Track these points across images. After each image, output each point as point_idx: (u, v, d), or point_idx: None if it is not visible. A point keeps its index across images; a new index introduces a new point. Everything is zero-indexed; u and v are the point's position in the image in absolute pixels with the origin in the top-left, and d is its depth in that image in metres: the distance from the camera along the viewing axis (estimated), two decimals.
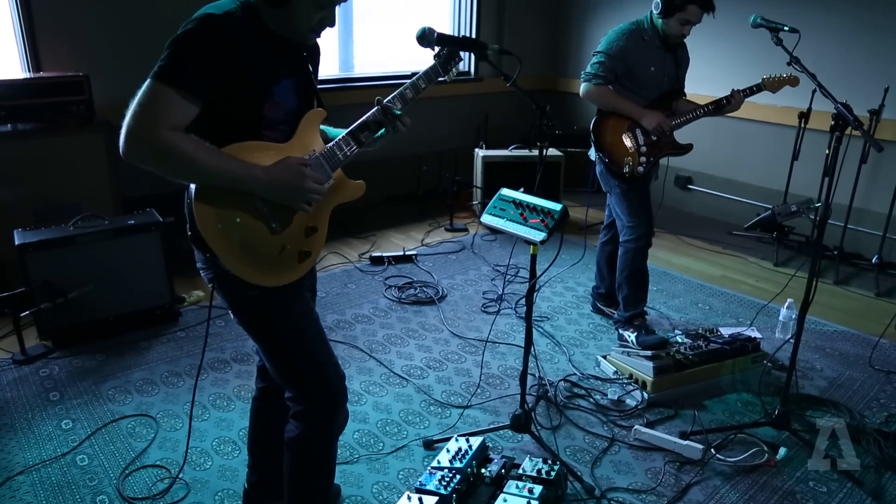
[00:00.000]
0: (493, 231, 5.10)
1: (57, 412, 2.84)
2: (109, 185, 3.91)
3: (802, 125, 4.62)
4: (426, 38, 1.89)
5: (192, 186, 1.60)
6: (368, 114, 1.83)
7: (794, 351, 2.72)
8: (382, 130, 1.88)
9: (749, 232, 4.75)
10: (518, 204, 2.26)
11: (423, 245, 4.90)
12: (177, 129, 1.52)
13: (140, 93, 1.50)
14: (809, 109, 4.54)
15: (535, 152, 5.25)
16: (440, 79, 1.97)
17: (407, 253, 4.59)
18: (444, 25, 6.16)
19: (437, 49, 1.97)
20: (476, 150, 5.42)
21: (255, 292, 1.72)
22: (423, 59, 1.90)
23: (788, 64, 2.75)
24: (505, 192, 2.34)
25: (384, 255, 4.52)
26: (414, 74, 1.91)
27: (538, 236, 2.15)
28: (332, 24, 1.72)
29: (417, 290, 4.10)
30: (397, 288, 4.12)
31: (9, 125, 3.63)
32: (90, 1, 4.07)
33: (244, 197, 1.63)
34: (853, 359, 3.48)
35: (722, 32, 4.90)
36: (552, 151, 5.33)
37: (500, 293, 4.08)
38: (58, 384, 3.05)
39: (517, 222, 2.23)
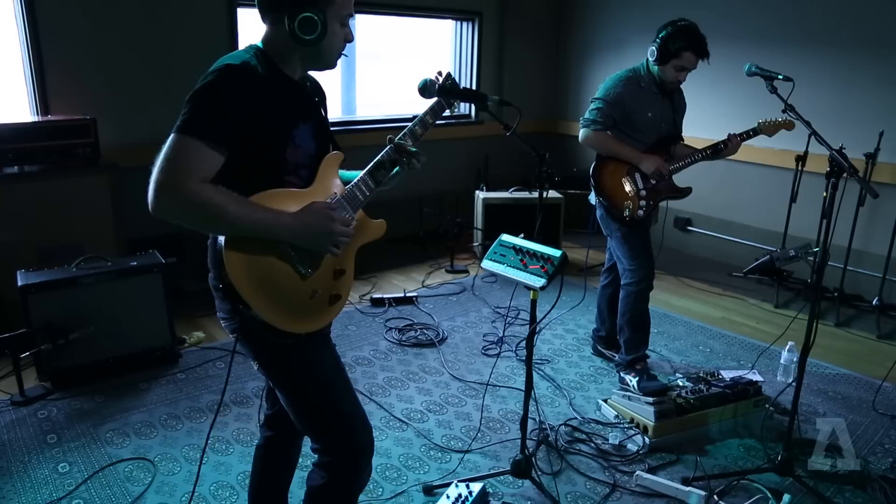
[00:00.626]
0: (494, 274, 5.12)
1: (54, 455, 2.82)
2: (113, 225, 3.95)
3: (800, 168, 4.67)
4: (428, 89, 1.94)
5: (221, 238, 1.60)
6: (382, 153, 1.86)
7: (795, 395, 2.71)
8: (397, 169, 1.91)
9: (748, 276, 4.76)
10: (518, 250, 2.28)
11: (423, 286, 4.91)
12: (205, 181, 1.53)
13: (166, 147, 1.52)
14: (806, 152, 4.60)
15: (536, 194, 5.32)
16: (445, 112, 2.01)
17: (408, 294, 4.60)
18: (446, 65, 6.28)
19: (439, 81, 2.01)
20: (476, 191, 5.48)
21: (290, 341, 1.72)
22: (425, 101, 1.94)
23: (783, 111, 2.80)
24: (505, 237, 2.36)
25: (385, 296, 4.53)
26: (416, 117, 1.95)
27: (538, 282, 2.17)
28: (352, 39, 1.77)
29: (418, 333, 4.09)
30: (398, 330, 4.12)
31: (16, 167, 3.68)
32: (98, 47, 4.16)
33: (273, 245, 1.64)
34: (856, 402, 3.45)
35: (718, 77, 4.99)
36: (552, 194, 5.38)
37: (500, 335, 4.07)
38: (56, 426, 3.03)
39: (517, 268, 2.25)
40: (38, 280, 3.27)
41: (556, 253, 2.21)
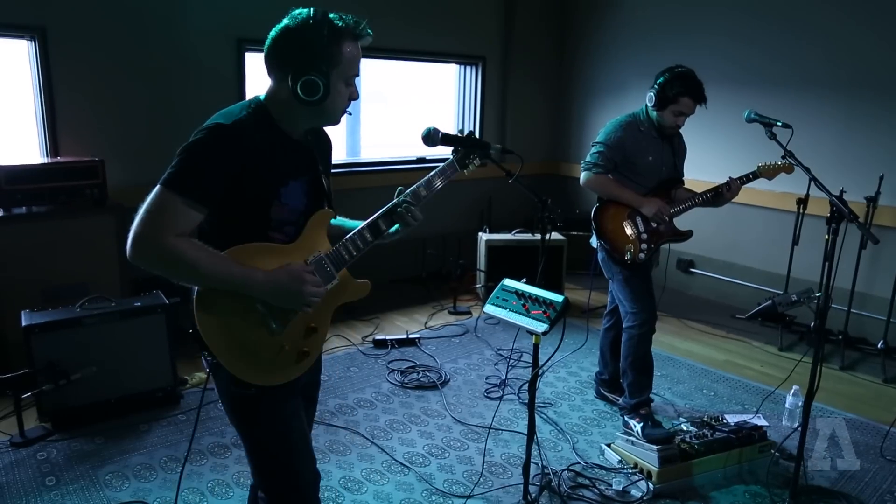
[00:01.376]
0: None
1: (52, 498, 2.79)
2: (118, 265, 3.97)
3: (801, 211, 4.69)
4: (431, 138, 1.97)
5: (196, 287, 1.64)
6: (381, 211, 1.89)
7: (801, 440, 2.68)
8: (398, 226, 1.94)
9: (751, 320, 4.74)
10: (520, 295, 2.29)
11: (426, 328, 4.91)
12: (182, 235, 1.57)
13: (149, 199, 1.57)
14: (807, 196, 4.62)
15: (538, 236, 5.34)
16: (455, 174, 2.04)
17: (410, 336, 4.59)
18: (450, 108, 6.37)
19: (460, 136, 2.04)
20: (479, 233, 5.51)
21: (252, 391, 1.74)
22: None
23: (783, 157, 2.83)
24: (507, 282, 2.38)
25: (387, 338, 4.52)
26: (421, 160, 1.98)
27: (540, 328, 2.17)
28: (357, 97, 1.80)
29: (420, 375, 4.08)
30: (400, 372, 4.10)
31: (24, 207, 3.72)
32: (108, 90, 4.25)
33: (244, 298, 1.67)
34: (863, 448, 3.41)
35: (719, 120, 5.05)
36: (555, 236, 5.41)
37: (503, 378, 4.05)
38: (55, 468, 3.01)
39: (519, 313, 2.26)
40: (42, 320, 3.28)
41: (559, 298, 2.22)
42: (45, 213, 3.76)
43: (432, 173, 1.97)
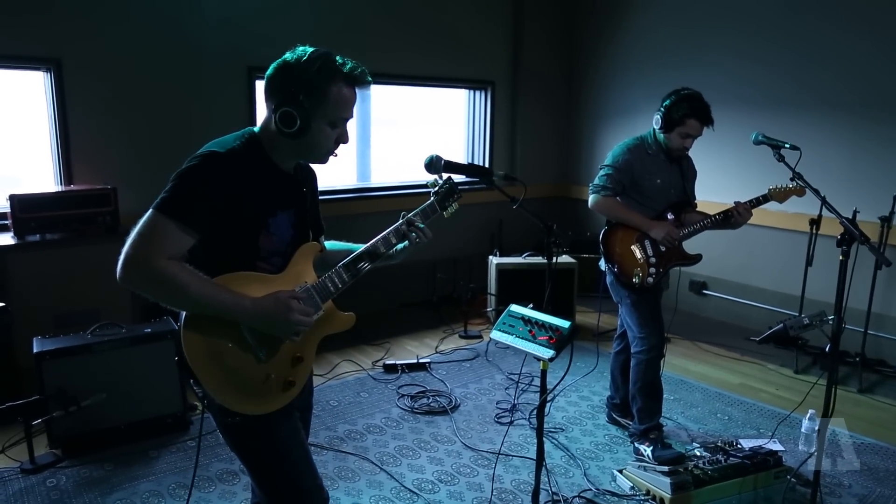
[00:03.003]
0: None
1: None
2: (129, 292, 3.96)
3: (814, 231, 4.65)
4: (434, 165, 1.98)
5: (183, 313, 1.66)
6: (367, 245, 1.91)
7: (817, 466, 2.63)
8: (405, 243, 1.96)
9: (763, 344, 4.68)
10: (527, 320, 2.28)
11: (436, 352, 4.89)
12: (173, 258, 1.59)
13: (141, 222, 1.59)
14: (820, 216, 4.57)
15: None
16: (435, 214, 2.04)
17: (420, 360, 4.57)
18: (460, 131, 6.39)
19: (438, 183, 2.05)
20: (490, 257, 5.49)
21: (237, 419, 1.74)
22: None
23: (791, 180, 2.81)
24: (514, 308, 2.36)
25: (398, 362, 4.51)
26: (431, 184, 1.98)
27: (546, 354, 2.15)
28: (346, 141, 1.81)
29: (430, 400, 4.05)
30: (410, 397, 4.08)
31: (38, 235, 3.77)
32: (121, 118, 4.33)
33: (232, 326, 1.68)
34: (883, 474, 3.34)
35: (728, 141, 5.04)
36: (565, 258, 5.39)
37: (513, 403, 4.02)
38: (64, 495, 3.01)
39: (526, 339, 2.24)
40: (53, 347, 3.30)
41: (565, 324, 2.20)
42: (58, 240, 3.80)
43: (411, 214, 1.98)
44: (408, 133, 6.14)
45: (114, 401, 3.38)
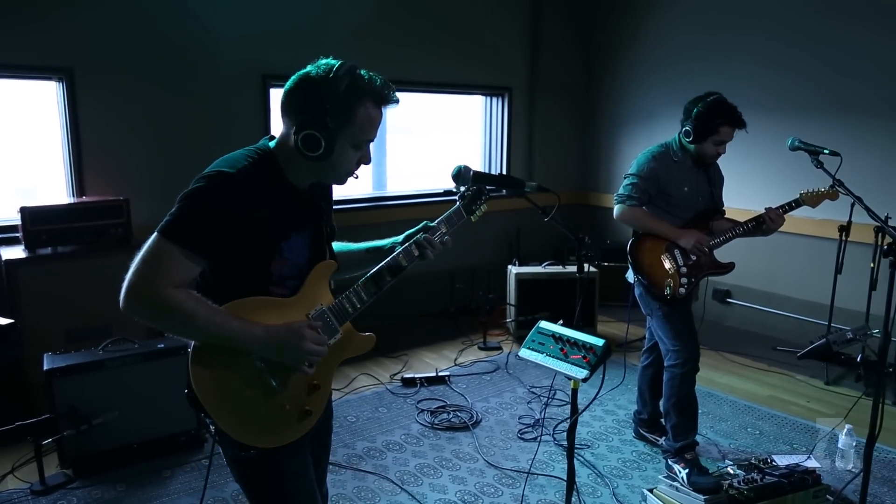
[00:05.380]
0: None
1: None
2: None
3: (844, 238, 4.50)
4: (462, 176, 1.87)
5: (192, 343, 1.55)
6: (388, 259, 1.81)
7: (863, 487, 2.50)
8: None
9: (802, 360, 4.52)
10: (558, 338, 2.16)
11: (455, 364, 4.77)
12: (180, 286, 1.48)
13: (145, 248, 1.48)
14: (849, 222, 4.43)
15: (569, 269, 5.21)
16: (461, 221, 1.95)
17: (440, 374, 4.46)
18: (476, 139, 6.29)
19: (461, 189, 1.95)
20: (509, 266, 5.37)
21: (252, 453, 1.63)
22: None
23: (832, 187, 2.69)
24: (543, 324, 2.24)
25: (416, 376, 4.39)
26: (448, 192, 1.88)
27: (580, 374, 2.04)
28: (368, 162, 1.70)
29: (451, 415, 3.93)
30: (430, 412, 3.96)
31: (49, 248, 3.70)
32: (134, 128, 4.26)
33: (243, 356, 1.58)
34: None
35: (751, 148, 4.90)
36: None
37: (537, 418, 3.90)
38: None
39: (557, 358, 2.12)
40: (64, 363, 3.22)
41: (599, 342, 2.08)
42: (70, 253, 3.73)
43: (438, 220, 1.89)
44: (424, 141, 6.05)
45: (126, 419, 3.29)
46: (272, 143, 1.66)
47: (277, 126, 1.68)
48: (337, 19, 4.92)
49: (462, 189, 1.96)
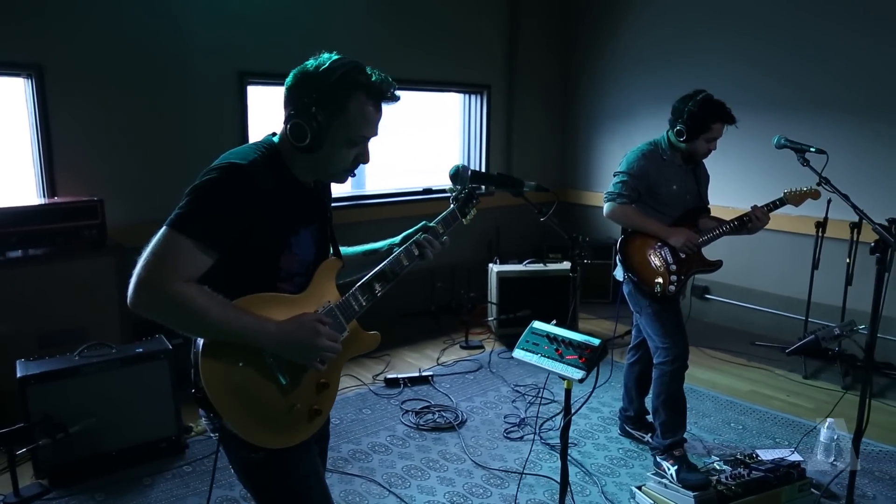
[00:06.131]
0: (511, 349, 4.96)
1: None
2: (118, 309, 3.81)
3: (820, 234, 4.57)
4: (459, 176, 1.84)
5: (200, 341, 1.49)
6: (388, 260, 1.79)
7: (850, 483, 2.52)
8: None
9: (790, 355, 4.58)
10: (552, 338, 2.13)
11: (438, 364, 4.73)
12: (190, 281, 1.43)
13: (154, 241, 1.43)
14: (826, 218, 4.50)
15: (551, 266, 5.20)
16: (456, 222, 1.95)
17: (423, 373, 4.42)
18: (455, 136, 6.26)
19: (454, 191, 1.94)
20: (490, 265, 5.35)
21: (260, 455, 1.59)
22: (432, 173, 1.85)
23: (818, 184, 2.71)
24: (537, 325, 2.22)
25: (399, 376, 4.34)
26: (427, 191, 1.86)
27: (577, 374, 2.01)
28: (366, 161, 1.66)
29: (436, 416, 3.90)
30: (414, 413, 3.92)
31: (20, 251, 3.57)
32: (107, 126, 4.12)
33: (254, 353, 1.53)
34: None
35: (729, 146, 4.94)
36: (567, 265, 5.24)
37: (522, 417, 3.88)
38: None
39: (552, 358, 2.10)
40: (38, 371, 3.10)
41: (595, 342, 2.07)
42: (41, 255, 3.60)
43: (435, 221, 1.88)
44: (401, 139, 5.99)
45: (104, 426, 3.19)
46: (276, 139, 1.64)
47: (255, 124, 1.64)
48: (318, 17, 4.83)
49: (455, 191, 1.95)
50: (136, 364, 3.31)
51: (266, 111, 4.69)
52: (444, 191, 1.98)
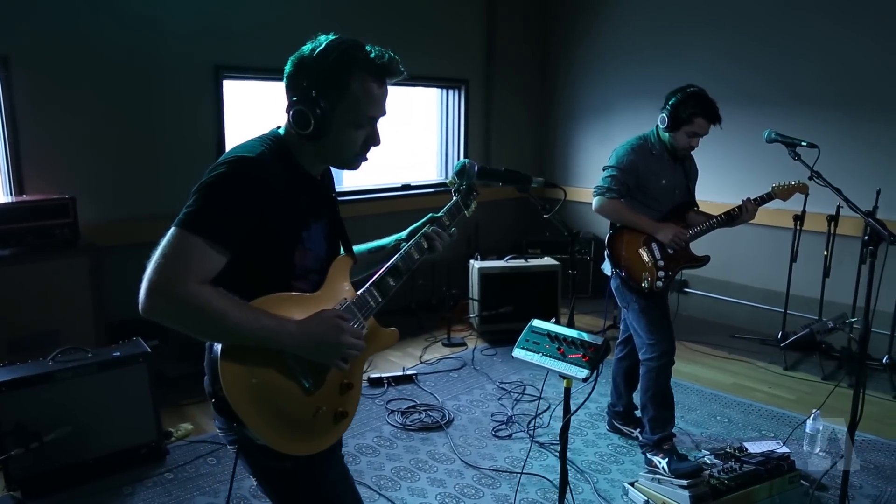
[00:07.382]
0: (493, 346, 4.93)
1: None
2: (92, 310, 3.68)
3: (798, 227, 4.62)
4: (465, 172, 1.79)
5: (217, 346, 1.40)
6: (398, 255, 1.75)
7: (844, 477, 2.53)
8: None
9: (785, 350, 4.62)
10: (553, 337, 2.09)
11: (421, 362, 4.67)
12: (204, 283, 1.35)
13: (164, 242, 1.34)
14: (804, 212, 4.55)
15: (532, 262, 5.17)
16: (460, 214, 1.92)
17: (407, 372, 4.35)
18: (433, 131, 6.19)
19: (455, 185, 1.92)
20: (471, 261, 5.29)
21: (288, 464, 1.51)
22: (413, 167, 1.81)
23: (810, 178, 2.71)
24: (536, 323, 2.17)
25: (383, 375, 4.27)
26: (405, 187, 1.82)
27: (581, 373, 1.98)
28: (377, 143, 1.61)
29: (422, 415, 3.84)
30: (400, 413, 3.86)
31: None
32: (78, 122, 3.97)
33: (275, 355, 1.45)
34: (890, 472, 3.30)
35: (710, 139, 4.95)
36: (548, 261, 5.24)
37: (509, 414, 3.84)
38: None
39: (555, 357, 2.06)
40: (9, 377, 2.96)
41: (598, 340, 2.03)
42: (10, 256, 3.46)
43: (441, 213, 1.86)
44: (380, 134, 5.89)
45: (80, 433, 3.06)
46: (281, 130, 1.57)
47: (232, 120, 1.58)
48: (291, 8, 4.71)
49: (456, 183, 1.92)
50: (113, 368, 3.19)
51: (243, 107, 4.58)
52: (423, 186, 1.94)
